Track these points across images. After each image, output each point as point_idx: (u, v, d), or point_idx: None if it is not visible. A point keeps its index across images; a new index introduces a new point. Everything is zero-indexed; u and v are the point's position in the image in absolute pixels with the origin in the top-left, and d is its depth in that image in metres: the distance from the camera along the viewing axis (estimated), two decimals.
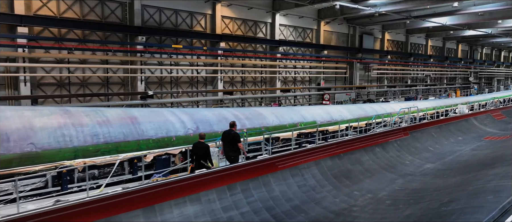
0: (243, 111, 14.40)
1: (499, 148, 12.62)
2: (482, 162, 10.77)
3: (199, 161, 8.97)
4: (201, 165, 8.87)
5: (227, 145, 9.78)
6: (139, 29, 19.52)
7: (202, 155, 9.03)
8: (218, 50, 23.33)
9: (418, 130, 14.42)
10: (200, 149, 9.13)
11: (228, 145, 9.74)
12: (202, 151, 9.08)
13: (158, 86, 21.56)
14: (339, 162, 10.41)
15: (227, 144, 9.80)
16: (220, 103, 23.84)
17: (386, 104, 22.56)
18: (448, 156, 12.77)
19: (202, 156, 9.02)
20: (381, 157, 11.61)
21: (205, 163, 8.91)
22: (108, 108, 11.51)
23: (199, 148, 9.16)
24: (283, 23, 27.66)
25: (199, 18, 22.85)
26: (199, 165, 8.93)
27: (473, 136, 16.52)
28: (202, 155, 9.03)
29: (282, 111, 15.73)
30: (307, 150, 9.81)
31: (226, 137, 9.82)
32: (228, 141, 9.75)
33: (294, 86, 29.45)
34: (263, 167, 8.67)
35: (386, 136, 12.59)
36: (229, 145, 9.73)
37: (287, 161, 9.18)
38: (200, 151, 9.09)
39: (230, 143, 9.69)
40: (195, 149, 9.22)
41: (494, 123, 19.88)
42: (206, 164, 8.88)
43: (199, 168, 8.80)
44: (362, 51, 34.35)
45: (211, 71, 23.64)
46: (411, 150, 12.79)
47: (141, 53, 19.90)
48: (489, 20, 31.31)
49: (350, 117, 18.60)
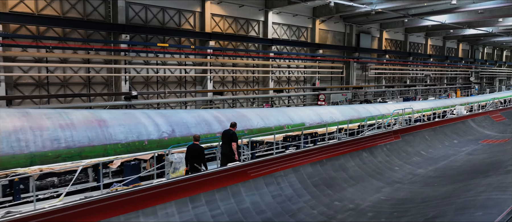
0: (225, 112, 13.64)
1: (496, 153, 11.82)
2: (476, 169, 9.98)
3: (193, 164, 8.78)
4: (196, 168, 8.68)
5: (226, 144, 9.81)
6: (122, 27, 18.79)
7: (196, 158, 8.83)
8: (208, 49, 22.58)
9: (411, 133, 13.61)
10: (194, 151, 8.91)
11: (226, 144, 9.77)
12: (196, 154, 8.86)
13: (144, 86, 20.84)
14: (321, 169, 9.63)
15: (225, 143, 9.84)
16: (209, 103, 23.10)
17: (382, 105, 21.77)
18: (441, 161, 11.96)
19: (196, 159, 8.83)
20: (368, 162, 10.82)
21: (199, 166, 8.69)
22: (75, 110, 10.78)
23: (193, 150, 8.93)
24: (276, 21, 26.89)
25: (187, 16, 22.11)
26: (193, 168, 8.75)
27: (470, 139, 15.69)
28: (196, 158, 8.83)
29: (267, 113, 14.96)
30: (285, 156, 9.04)
31: (225, 136, 9.89)
32: (227, 140, 9.79)
33: (288, 86, 28.67)
34: (233, 175, 7.91)
35: (375, 140, 11.80)
36: (227, 145, 9.75)
37: (262, 168, 8.41)
38: (194, 153, 8.88)
39: (228, 143, 9.71)
40: (189, 152, 8.97)
41: (492, 125, 19.03)
42: (200, 168, 8.63)
43: (194, 171, 8.66)
44: (359, 50, 33.53)
45: (200, 71, 22.91)
46: (401, 155, 11.98)
47: (125, 52, 19.16)
48: (489, 18, 30.44)
49: (342, 118, 17.83)
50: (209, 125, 12.58)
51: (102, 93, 19.00)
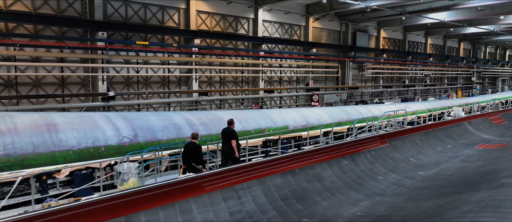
0: (199, 115, 12.62)
1: (491, 160, 10.74)
2: (467, 180, 8.91)
3: (190, 163, 8.59)
4: (193, 168, 8.54)
5: (226, 142, 9.72)
6: (99, 23, 17.81)
7: (194, 157, 8.62)
8: (193, 47, 21.57)
9: (400, 138, 12.52)
10: (191, 150, 8.70)
11: (226, 143, 9.68)
12: (193, 153, 8.66)
13: (124, 86, 19.87)
14: (292, 180, 8.60)
15: (225, 140, 9.75)
16: (195, 104, 22.10)
17: (375, 106, 20.71)
18: (431, 169, 10.88)
19: (193, 157, 8.62)
20: (348, 171, 9.76)
21: (196, 165, 8.52)
22: (23, 113, 9.79)
23: (191, 149, 8.72)
24: (267, 19, 25.85)
25: (171, 13, 21.12)
26: (190, 167, 8.59)
27: (465, 144, 14.56)
28: (194, 157, 8.62)
29: (247, 115, 13.93)
30: (249, 166, 8.02)
31: (224, 134, 9.83)
32: (226, 138, 9.73)
33: (280, 86, 27.62)
34: (184, 189, 6.89)
35: (358, 146, 10.74)
36: (227, 143, 9.67)
37: (219, 180, 7.39)
38: (192, 152, 8.68)
39: (228, 141, 9.63)
40: (186, 150, 8.78)
41: (491, 128, 17.88)
42: (198, 167, 8.50)
43: (190, 170, 8.53)
44: (355, 49, 32.41)
45: (185, 70, 21.91)
46: (387, 162, 10.91)
47: (102, 51, 18.18)
48: (490, 15, 29.23)
49: (330, 121, 16.80)
50: (179, 129, 11.57)
51: (78, 93, 18.05)
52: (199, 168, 8.49)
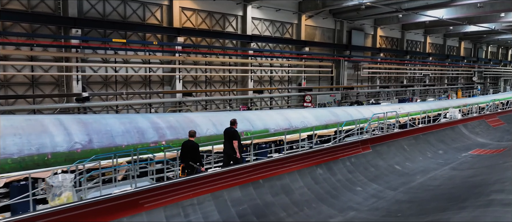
0: (168, 118, 11.63)
1: (484, 169, 9.69)
2: (454, 193, 7.88)
3: (188, 162, 8.51)
4: (190, 166, 8.48)
5: (227, 142, 9.66)
6: (74, 20, 16.87)
7: (191, 155, 8.52)
8: (176, 46, 20.60)
9: (385, 143, 11.47)
10: (189, 148, 8.61)
11: (228, 142, 9.60)
12: (191, 151, 8.57)
13: (102, 86, 18.91)
14: (254, 193, 7.59)
15: (227, 140, 9.68)
16: (179, 105, 21.13)
17: (365, 108, 19.66)
18: (417, 179, 9.84)
19: (190, 156, 8.52)
20: (322, 182, 8.74)
21: (194, 164, 8.46)
22: None
23: (189, 147, 8.64)
24: (257, 16, 24.84)
25: (153, 10, 20.15)
26: (189, 166, 8.51)
27: (459, 149, 13.49)
28: (191, 155, 8.52)
29: (223, 118, 12.93)
30: (202, 177, 7.02)
31: (226, 134, 9.79)
32: (228, 137, 9.67)
33: (271, 86, 26.60)
34: (117, 207, 5.90)
35: (336, 152, 9.71)
36: (229, 143, 9.59)
37: (163, 195, 6.40)
38: (189, 150, 8.58)
39: (230, 141, 9.55)
40: (184, 149, 8.71)
41: (488, 131, 16.77)
42: (196, 166, 8.44)
43: (189, 169, 8.48)
44: (350, 48, 31.34)
45: (169, 70, 20.95)
46: (368, 171, 9.88)
47: (77, 49, 17.24)
48: (490, 13, 28.12)
49: (316, 123, 15.79)
50: (142, 133, 10.59)
51: (50, 94, 17.11)
52: (197, 167, 8.42)
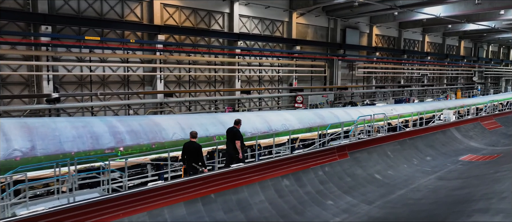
0: (129, 121, 10.66)
1: (472, 179, 8.67)
2: (435, 209, 6.86)
3: (191, 163, 8.42)
4: (193, 168, 8.37)
5: (230, 141, 9.64)
6: (44, 16, 15.96)
7: (194, 156, 8.43)
8: (157, 44, 19.66)
9: (366, 149, 10.45)
10: (191, 149, 8.50)
11: (231, 142, 9.58)
12: (194, 152, 8.46)
13: (77, 86, 17.99)
14: (202, 210, 6.62)
15: (229, 140, 9.69)
16: (160, 106, 20.19)
17: (354, 109, 18.66)
18: (398, 190, 8.83)
19: (194, 157, 8.43)
20: (288, 195, 7.75)
21: (197, 165, 8.34)
22: None
23: (191, 148, 8.53)
24: (244, 13, 23.87)
25: (133, 6, 19.21)
26: (191, 167, 8.42)
27: (449, 155, 12.43)
28: (194, 156, 8.43)
29: (193, 121, 11.97)
30: (137, 194, 6.04)
31: (228, 134, 9.78)
32: (230, 137, 9.66)
33: (260, 86, 25.62)
34: None
35: (308, 160, 8.72)
36: (231, 142, 9.56)
37: (87, 215, 5.42)
38: (192, 152, 8.47)
39: (232, 141, 9.52)
40: (186, 150, 8.62)
41: (483, 134, 15.70)
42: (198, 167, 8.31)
43: (191, 170, 8.37)
44: (344, 47, 30.31)
45: (150, 69, 20.01)
46: (343, 181, 8.87)
47: (47, 47, 16.32)
48: (489, 10, 27.05)
49: (300, 126, 14.83)
50: (97, 138, 9.63)
51: (19, 95, 16.20)
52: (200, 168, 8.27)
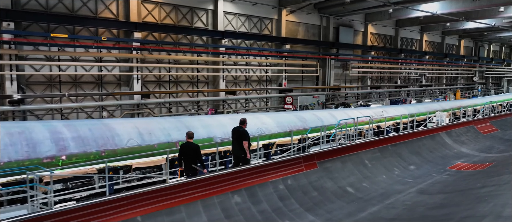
0: (77, 126, 9.59)
1: (457, 194, 7.54)
2: None
3: (189, 165, 8.30)
4: (193, 169, 8.26)
5: (236, 141, 9.48)
6: (5, 12, 14.96)
7: (192, 157, 8.32)
8: (133, 42, 18.64)
9: (340, 157, 9.34)
10: (189, 150, 8.38)
11: (237, 143, 9.43)
12: (191, 153, 8.34)
13: (47, 87, 16.98)
14: None
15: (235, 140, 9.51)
16: (137, 108, 19.16)
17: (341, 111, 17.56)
18: (371, 207, 7.69)
19: (192, 158, 8.32)
20: (237, 215, 6.65)
21: (197, 166, 8.27)
22: None
23: (188, 149, 8.42)
24: (230, 10, 22.79)
25: (107, 3, 18.18)
26: (190, 168, 8.29)
27: (436, 162, 11.26)
28: (192, 157, 8.32)
29: (155, 125, 10.90)
30: (32, 219, 4.96)
31: (234, 134, 9.60)
32: (237, 137, 9.48)
33: (247, 86, 24.54)
34: None
35: (266, 173, 7.62)
36: (237, 143, 9.41)
37: None
38: (190, 152, 8.34)
39: (239, 141, 9.36)
40: (184, 151, 8.48)
41: (476, 139, 14.51)
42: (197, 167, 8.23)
43: (190, 171, 8.26)
44: (337, 45, 29.16)
45: (127, 69, 18.99)
46: (308, 196, 7.74)
47: (9, 44, 15.32)
48: (487, 7, 25.84)
49: (278, 130, 13.74)
50: (34, 146, 8.57)
51: None
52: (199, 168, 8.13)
